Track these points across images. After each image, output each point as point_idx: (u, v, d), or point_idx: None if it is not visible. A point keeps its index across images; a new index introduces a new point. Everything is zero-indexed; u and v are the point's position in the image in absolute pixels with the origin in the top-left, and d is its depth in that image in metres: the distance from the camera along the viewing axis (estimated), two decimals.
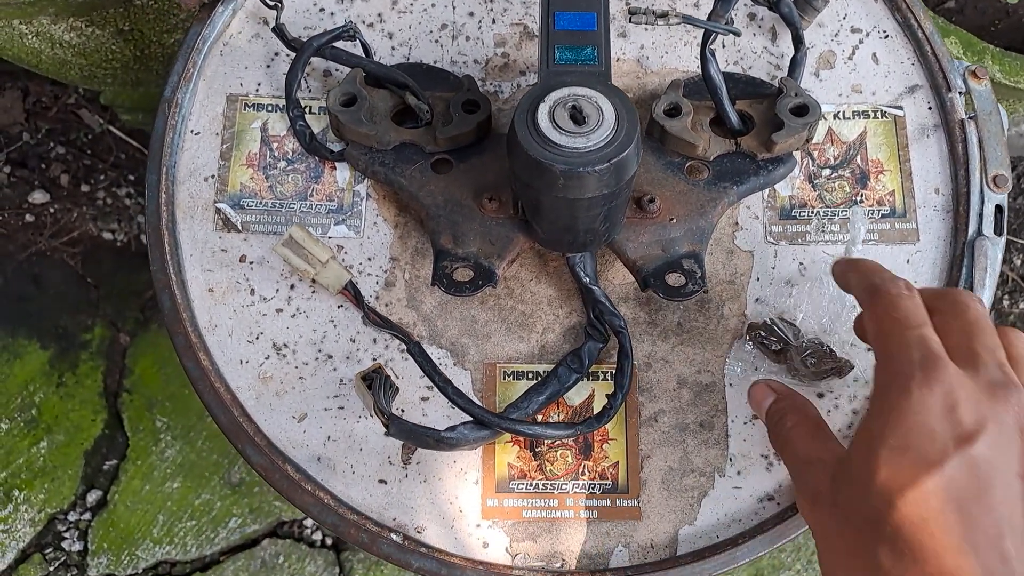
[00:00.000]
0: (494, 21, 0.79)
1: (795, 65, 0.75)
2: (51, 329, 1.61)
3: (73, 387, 1.59)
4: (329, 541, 1.54)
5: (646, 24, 0.66)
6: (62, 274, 1.64)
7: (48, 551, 1.51)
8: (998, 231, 0.72)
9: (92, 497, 1.54)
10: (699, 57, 0.70)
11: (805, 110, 0.71)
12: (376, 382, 0.65)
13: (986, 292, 0.71)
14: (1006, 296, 1.69)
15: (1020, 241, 1.71)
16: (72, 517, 1.53)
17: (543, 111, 0.58)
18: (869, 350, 0.65)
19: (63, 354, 1.60)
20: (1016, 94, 1.16)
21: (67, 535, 1.52)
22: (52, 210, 1.66)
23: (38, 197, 1.66)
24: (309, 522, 1.54)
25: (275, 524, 1.55)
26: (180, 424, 1.56)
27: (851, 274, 0.60)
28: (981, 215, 0.73)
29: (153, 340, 1.62)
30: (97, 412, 1.58)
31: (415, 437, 0.63)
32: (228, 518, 1.53)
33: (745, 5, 0.78)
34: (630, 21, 0.66)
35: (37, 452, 1.55)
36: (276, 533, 1.54)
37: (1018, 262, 1.71)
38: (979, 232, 0.72)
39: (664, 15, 0.67)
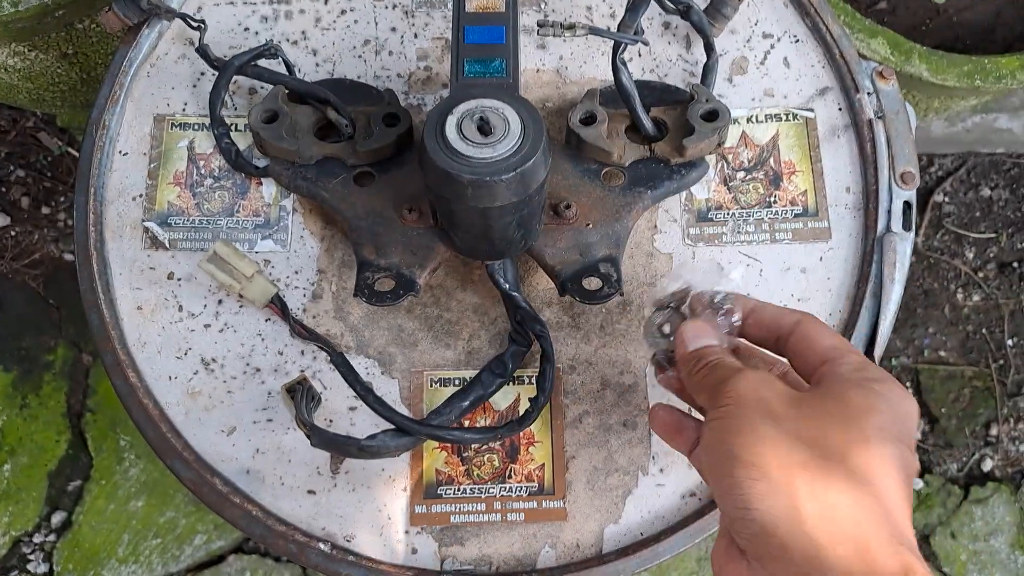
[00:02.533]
0: (416, 36, 0.81)
1: (707, 72, 0.77)
2: (13, 351, 1.62)
3: (36, 408, 1.59)
4: None
5: (553, 35, 0.68)
6: (24, 296, 1.64)
7: (13, 574, 1.52)
8: (907, 227, 0.74)
9: (57, 518, 1.55)
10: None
11: (715, 115, 0.73)
12: (299, 393, 0.67)
13: (896, 286, 0.73)
14: (960, 289, 1.71)
15: (972, 235, 1.74)
16: (37, 539, 1.54)
17: (451, 123, 0.59)
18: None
19: (26, 376, 1.61)
20: (945, 91, 1.18)
21: (32, 557, 1.52)
22: (13, 233, 1.67)
23: None
24: None
25: (240, 540, 1.55)
26: (143, 442, 1.56)
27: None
28: (890, 211, 0.75)
29: None
30: (61, 433, 1.59)
31: (337, 446, 0.65)
32: (193, 535, 1.54)
33: (660, 14, 0.80)
34: (539, 33, 0.68)
35: (1, 475, 1.55)
36: (242, 549, 1.55)
37: (970, 255, 1.73)
38: (888, 228, 0.74)
39: (571, 27, 0.68)
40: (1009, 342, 1.69)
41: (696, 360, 0.57)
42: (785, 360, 0.58)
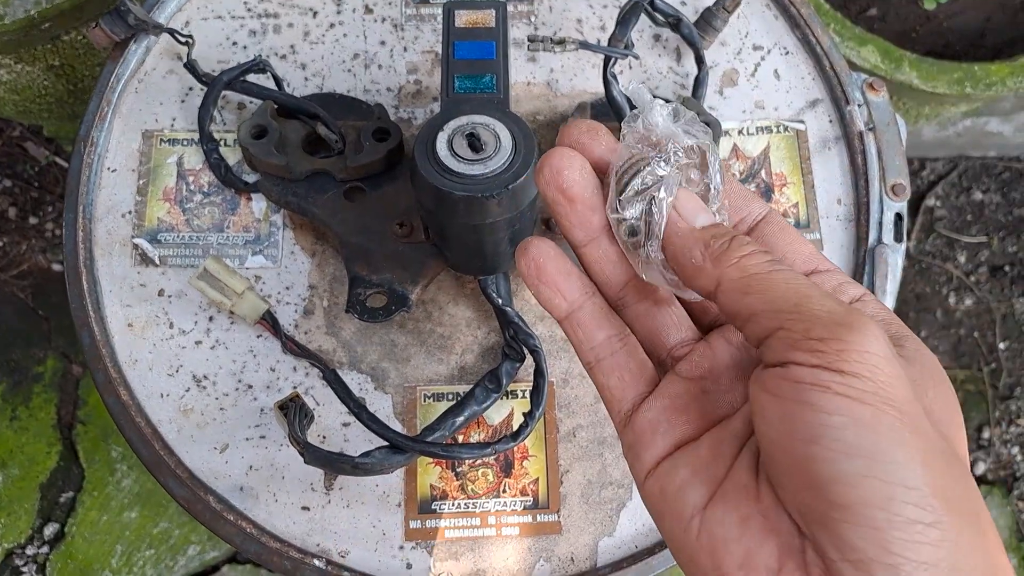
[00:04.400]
0: (405, 49, 0.81)
1: (698, 84, 0.77)
2: (3, 363, 1.61)
3: (27, 420, 1.59)
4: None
5: (543, 50, 0.68)
6: (13, 308, 1.64)
7: None
8: (898, 238, 0.74)
9: (49, 530, 1.54)
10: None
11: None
12: (291, 411, 0.66)
13: (888, 298, 0.73)
14: (952, 293, 1.72)
15: (963, 239, 1.74)
16: (30, 551, 1.53)
17: (442, 140, 0.59)
18: None
19: (16, 387, 1.60)
20: (935, 98, 1.19)
21: (25, 569, 1.52)
22: (1, 243, 1.66)
23: None
24: None
25: (234, 550, 1.55)
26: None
27: None
28: (881, 223, 0.75)
29: None
30: (52, 444, 1.58)
31: (331, 464, 0.65)
32: (187, 546, 1.53)
33: (650, 27, 0.80)
34: (528, 48, 0.68)
35: None
36: (235, 559, 1.55)
37: (962, 259, 1.74)
38: (879, 240, 0.74)
39: (561, 42, 0.68)
40: (1001, 345, 1.70)
41: (719, 236, 0.37)
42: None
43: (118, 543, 1.53)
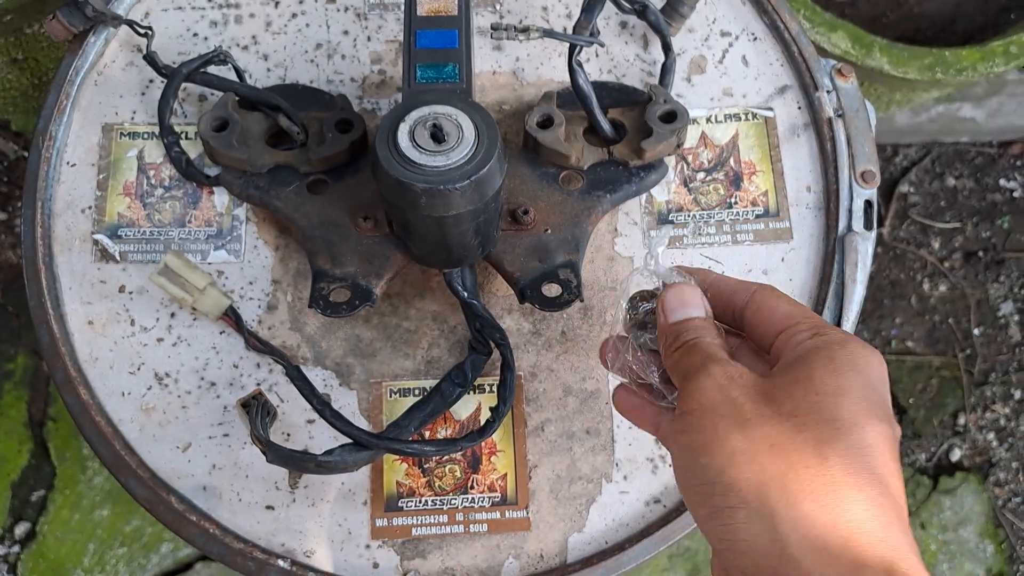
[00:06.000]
0: (369, 39, 0.79)
1: (665, 72, 0.76)
2: None
3: None
4: None
5: (507, 39, 0.67)
6: None
7: None
8: (868, 226, 0.74)
9: (20, 529, 1.52)
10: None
11: (673, 116, 0.72)
12: (254, 408, 0.65)
13: (858, 286, 0.72)
14: (926, 279, 1.72)
15: (936, 225, 1.74)
16: (1, 551, 1.51)
17: (403, 131, 0.58)
18: None
19: None
20: (907, 84, 1.18)
21: None
22: None
23: None
24: None
25: None
26: None
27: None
28: (851, 211, 0.74)
29: None
30: (23, 442, 1.56)
31: (293, 463, 0.64)
32: (159, 543, 1.52)
33: (616, 14, 0.79)
34: (492, 36, 0.67)
35: None
36: (208, 556, 1.53)
37: (936, 245, 1.74)
38: (849, 228, 0.74)
39: (525, 30, 0.67)
40: (976, 331, 1.70)
41: (675, 336, 0.51)
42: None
43: (90, 541, 1.52)
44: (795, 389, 0.45)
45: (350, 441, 0.65)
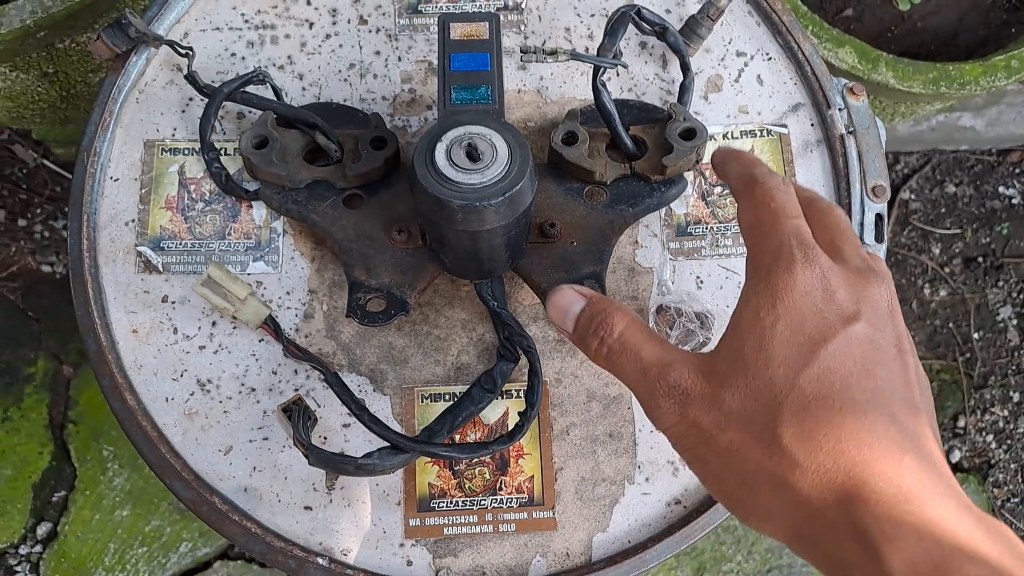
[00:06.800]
0: (400, 59, 0.83)
1: (684, 91, 0.79)
2: None
3: (19, 421, 1.60)
4: None
5: (536, 61, 0.70)
6: (3, 309, 1.65)
7: None
8: (878, 239, 0.77)
9: (42, 529, 1.55)
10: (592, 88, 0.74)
11: (693, 134, 0.75)
12: (295, 414, 0.69)
13: None
14: (927, 285, 1.75)
15: (937, 231, 1.78)
16: (23, 550, 1.54)
17: (440, 150, 0.61)
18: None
19: (7, 389, 1.61)
20: (911, 97, 1.22)
21: (19, 569, 1.53)
22: None
23: None
24: None
25: (226, 546, 1.57)
26: (127, 452, 1.58)
27: (731, 164, 0.58)
28: (862, 224, 0.77)
29: None
30: (44, 445, 1.59)
31: (334, 465, 0.67)
32: (179, 543, 1.55)
33: (636, 35, 0.82)
34: (521, 59, 0.70)
35: None
36: (227, 555, 1.57)
37: (936, 251, 1.77)
38: (861, 240, 0.77)
39: (553, 52, 0.71)
40: (975, 335, 1.73)
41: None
42: None
43: (111, 541, 1.55)
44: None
45: (387, 445, 0.68)
